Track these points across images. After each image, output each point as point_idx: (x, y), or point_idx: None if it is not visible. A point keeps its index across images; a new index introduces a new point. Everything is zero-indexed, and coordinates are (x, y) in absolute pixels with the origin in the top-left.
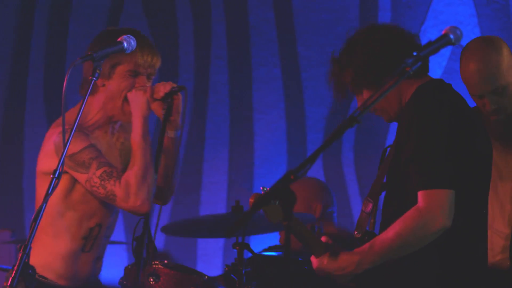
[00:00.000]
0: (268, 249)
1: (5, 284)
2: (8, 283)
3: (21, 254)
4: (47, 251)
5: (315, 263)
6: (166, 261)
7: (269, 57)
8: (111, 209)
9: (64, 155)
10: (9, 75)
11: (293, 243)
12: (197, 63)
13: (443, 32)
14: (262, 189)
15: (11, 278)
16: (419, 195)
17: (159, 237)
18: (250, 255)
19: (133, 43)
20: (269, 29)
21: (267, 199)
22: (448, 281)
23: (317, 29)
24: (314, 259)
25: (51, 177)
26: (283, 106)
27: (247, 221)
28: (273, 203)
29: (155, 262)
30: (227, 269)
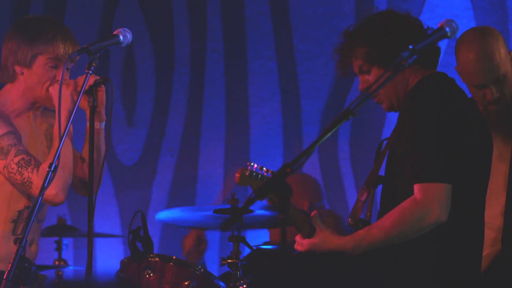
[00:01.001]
0: (262, 244)
1: None
2: (5, 276)
3: (17, 247)
4: None
5: (305, 243)
6: (162, 254)
7: (264, 51)
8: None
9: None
10: None
11: (288, 237)
12: (192, 56)
13: (439, 25)
14: (248, 164)
15: (7, 271)
16: (415, 187)
17: (155, 231)
18: (248, 249)
19: (129, 36)
20: (264, 22)
21: (263, 192)
22: (442, 275)
23: (312, 22)
24: (301, 238)
25: (47, 170)
26: (279, 99)
27: (242, 215)
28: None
29: (151, 255)
30: (224, 263)
